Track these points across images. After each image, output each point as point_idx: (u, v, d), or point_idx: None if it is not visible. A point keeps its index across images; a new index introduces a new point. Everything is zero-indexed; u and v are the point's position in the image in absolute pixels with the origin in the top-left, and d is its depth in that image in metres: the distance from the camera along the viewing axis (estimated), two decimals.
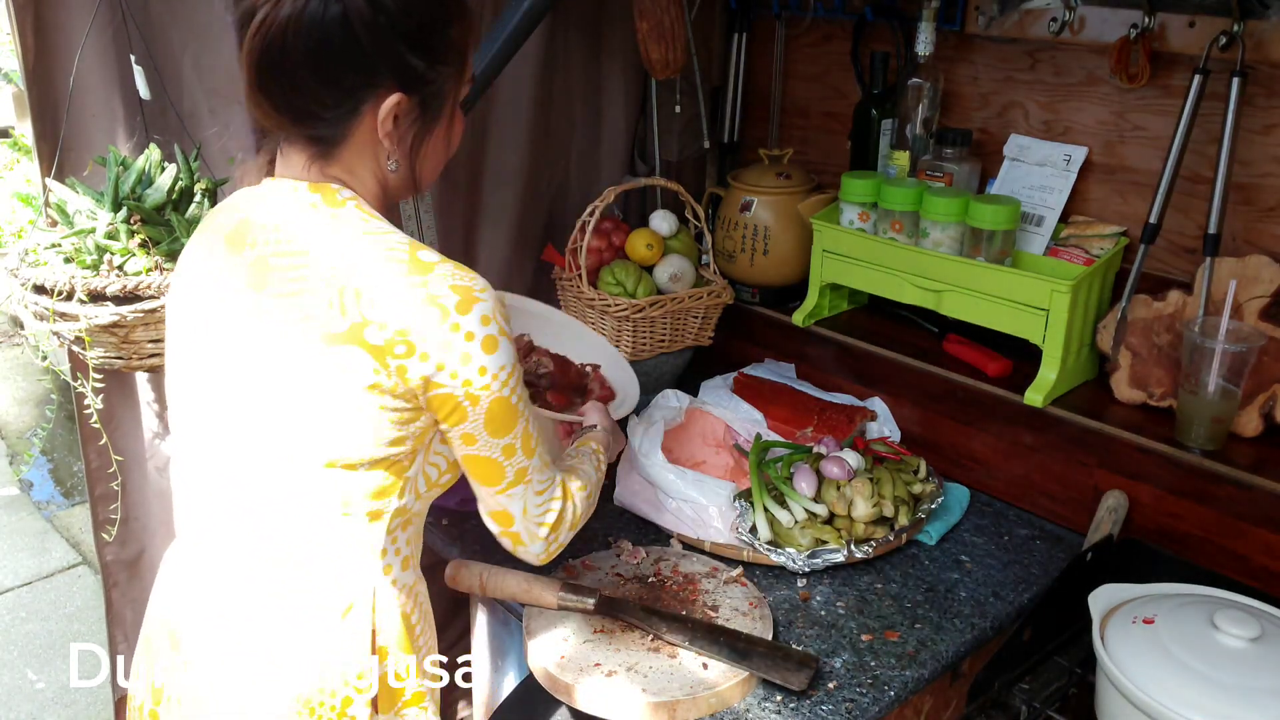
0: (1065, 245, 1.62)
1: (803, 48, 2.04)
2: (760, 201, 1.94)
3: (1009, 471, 1.67)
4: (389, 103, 1.01)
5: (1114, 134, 1.63)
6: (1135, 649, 1.16)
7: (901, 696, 1.27)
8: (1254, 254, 1.47)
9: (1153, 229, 1.49)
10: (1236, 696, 1.07)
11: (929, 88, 1.73)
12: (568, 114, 2.00)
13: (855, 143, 1.90)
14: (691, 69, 2.02)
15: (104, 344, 1.37)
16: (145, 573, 1.69)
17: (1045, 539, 1.58)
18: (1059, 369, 1.58)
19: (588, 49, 1.98)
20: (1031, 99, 1.72)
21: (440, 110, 1.07)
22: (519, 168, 1.92)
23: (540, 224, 2.03)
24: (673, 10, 1.81)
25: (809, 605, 1.42)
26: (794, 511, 1.50)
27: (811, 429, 1.72)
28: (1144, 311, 1.56)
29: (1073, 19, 1.57)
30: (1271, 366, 1.45)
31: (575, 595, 1.32)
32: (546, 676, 1.28)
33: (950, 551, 1.55)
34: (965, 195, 1.64)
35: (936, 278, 1.68)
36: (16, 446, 4.07)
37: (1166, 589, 1.29)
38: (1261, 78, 1.44)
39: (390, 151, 1.05)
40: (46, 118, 1.43)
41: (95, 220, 1.36)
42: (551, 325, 1.74)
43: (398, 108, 1.02)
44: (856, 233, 1.79)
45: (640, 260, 1.90)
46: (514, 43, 1.64)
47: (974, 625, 1.38)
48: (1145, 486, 1.50)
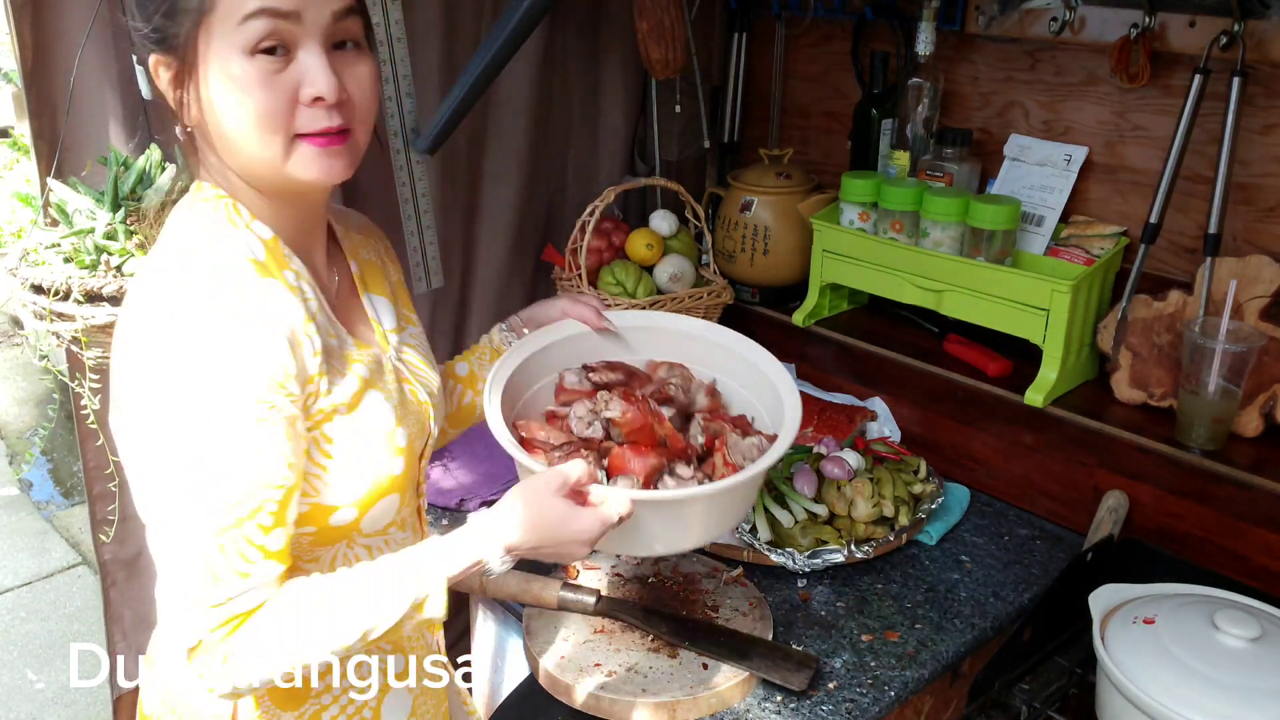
0: (1065, 245, 1.62)
1: (803, 47, 2.04)
2: (760, 201, 1.94)
3: (1009, 471, 1.67)
4: (151, 64, 0.91)
5: (1114, 134, 1.63)
6: (1136, 649, 1.15)
7: (902, 697, 1.27)
8: (1254, 254, 1.47)
9: (1153, 229, 1.49)
10: (1237, 696, 1.07)
11: (929, 87, 1.73)
12: (567, 114, 1.99)
13: (855, 143, 1.90)
14: (691, 69, 2.02)
15: (101, 344, 1.37)
16: (144, 572, 1.69)
17: (1045, 539, 1.58)
18: (1059, 369, 1.58)
19: (587, 49, 1.98)
20: (1032, 99, 1.72)
21: (191, 54, 0.88)
22: (518, 168, 1.92)
23: (540, 224, 2.02)
24: (673, 10, 1.81)
25: (809, 605, 1.42)
26: (794, 511, 1.50)
27: (812, 429, 1.72)
28: (1144, 311, 1.56)
29: (1073, 19, 1.56)
30: (1272, 366, 1.44)
31: (575, 595, 1.32)
32: (546, 676, 1.27)
33: (950, 552, 1.55)
34: (965, 195, 1.64)
35: (937, 278, 1.68)
36: (16, 446, 4.07)
37: (1167, 589, 1.29)
38: (1262, 77, 1.44)
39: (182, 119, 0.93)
40: (45, 117, 1.43)
41: (94, 220, 1.36)
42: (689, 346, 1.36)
43: (156, 69, 0.91)
44: (856, 233, 1.79)
45: (640, 260, 1.90)
46: (513, 43, 1.64)
47: (974, 625, 1.38)
48: (1145, 486, 1.50)
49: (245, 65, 0.86)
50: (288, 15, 0.86)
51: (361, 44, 0.93)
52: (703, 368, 1.34)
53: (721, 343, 1.33)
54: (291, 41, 0.87)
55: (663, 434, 1.15)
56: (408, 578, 0.90)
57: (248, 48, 0.86)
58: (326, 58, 0.88)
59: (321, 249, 1.04)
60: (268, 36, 0.85)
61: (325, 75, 0.88)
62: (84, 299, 1.32)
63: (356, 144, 0.94)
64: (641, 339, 1.34)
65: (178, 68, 0.89)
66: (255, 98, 0.87)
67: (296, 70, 0.88)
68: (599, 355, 1.32)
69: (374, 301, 1.09)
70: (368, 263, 1.12)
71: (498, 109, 1.87)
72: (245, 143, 0.90)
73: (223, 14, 0.85)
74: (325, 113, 0.89)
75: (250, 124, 0.88)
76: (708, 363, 1.35)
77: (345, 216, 1.17)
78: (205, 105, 0.89)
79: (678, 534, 1.07)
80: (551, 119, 1.96)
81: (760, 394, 1.30)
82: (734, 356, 1.32)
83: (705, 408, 1.29)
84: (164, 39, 0.88)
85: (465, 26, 1.77)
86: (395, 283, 1.16)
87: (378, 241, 1.18)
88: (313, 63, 0.88)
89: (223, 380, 0.85)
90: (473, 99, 1.68)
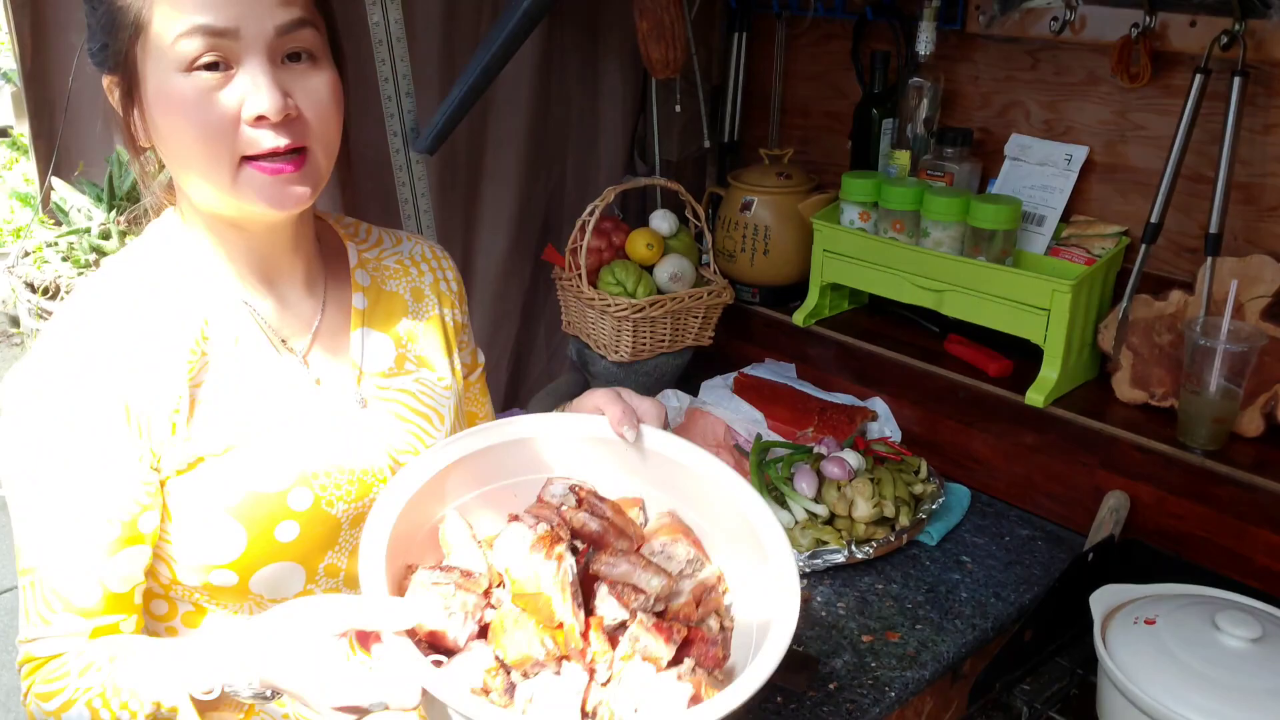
0: (1066, 245, 1.62)
1: (803, 47, 2.03)
2: (760, 201, 1.94)
3: (1010, 472, 1.66)
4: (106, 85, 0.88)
5: (1115, 133, 1.63)
6: (1137, 649, 1.15)
7: (902, 697, 1.26)
8: (1255, 254, 1.47)
9: (1154, 229, 1.49)
10: (1238, 697, 1.07)
11: (930, 87, 1.73)
12: (567, 113, 1.99)
13: (856, 142, 1.90)
14: (691, 68, 2.02)
15: None
16: None
17: (1046, 539, 1.58)
18: (1060, 369, 1.58)
19: (587, 48, 1.98)
20: (1032, 98, 1.71)
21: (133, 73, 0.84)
22: (518, 167, 1.92)
23: (539, 224, 2.02)
24: (673, 9, 1.80)
25: (810, 606, 1.41)
26: (794, 512, 1.50)
27: (812, 429, 1.72)
28: (1145, 311, 1.56)
29: (1074, 18, 1.56)
30: (1273, 366, 1.44)
31: None
32: None
33: (951, 552, 1.54)
34: (966, 195, 1.64)
35: (937, 277, 1.67)
36: None
37: (1168, 589, 1.28)
38: (1262, 77, 1.43)
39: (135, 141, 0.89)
40: (43, 117, 1.43)
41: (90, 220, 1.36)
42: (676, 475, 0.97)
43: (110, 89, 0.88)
44: (857, 232, 1.78)
45: (640, 260, 1.89)
46: (513, 43, 1.64)
47: (975, 626, 1.38)
48: (1146, 487, 1.50)
49: (182, 83, 0.81)
50: (224, 33, 0.80)
51: (318, 55, 0.86)
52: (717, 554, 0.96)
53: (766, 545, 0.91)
54: (232, 57, 0.81)
55: (561, 616, 0.82)
56: (153, 679, 0.79)
57: (183, 65, 0.80)
58: (273, 73, 0.82)
59: (295, 277, 0.96)
60: (205, 53, 0.80)
61: (268, 92, 0.81)
62: None
63: (316, 165, 0.86)
64: (672, 478, 0.98)
65: (124, 87, 0.85)
66: (193, 118, 0.81)
67: (238, 87, 0.81)
68: (616, 471, 0.98)
69: (367, 337, 0.99)
70: (390, 295, 1.03)
71: (497, 109, 1.87)
72: (190, 166, 0.85)
73: (157, 31, 0.81)
74: (271, 133, 0.82)
75: (190, 145, 0.83)
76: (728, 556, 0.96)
77: (395, 240, 1.08)
78: (151, 127, 0.85)
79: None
80: (551, 119, 1.96)
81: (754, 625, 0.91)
82: (751, 537, 0.92)
83: (678, 609, 0.90)
84: (108, 57, 0.85)
85: (465, 26, 1.76)
86: (430, 319, 1.05)
87: (431, 272, 1.07)
88: (254, 79, 0.81)
89: (51, 422, 0.82)
90: (472, 99, 1.68)
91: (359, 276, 1.02)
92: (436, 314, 1.07)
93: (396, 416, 0.99)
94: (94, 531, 0.83)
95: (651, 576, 0.87)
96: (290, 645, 0.74)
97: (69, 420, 0.82)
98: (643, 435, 0.96)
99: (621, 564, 0.88)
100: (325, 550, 0.93)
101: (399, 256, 1.07)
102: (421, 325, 1.05)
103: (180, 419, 0.86)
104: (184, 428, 0.86)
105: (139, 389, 0.84)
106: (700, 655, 0.86)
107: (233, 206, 0.87)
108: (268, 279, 0.95)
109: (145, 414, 0.84)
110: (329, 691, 0.71)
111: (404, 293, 1.05)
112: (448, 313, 1.08)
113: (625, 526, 0.94)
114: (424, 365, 1.04)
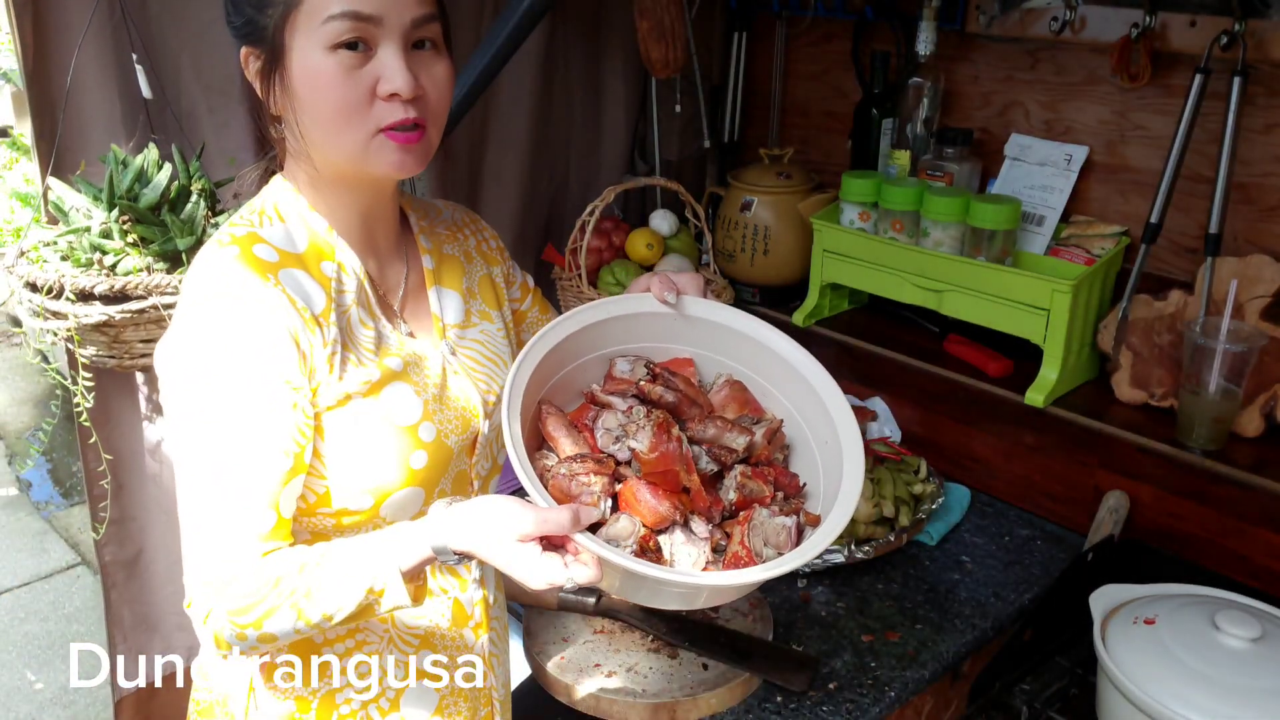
0: (1066, 245, 1.62)
1: (803, 47, 2.04)
2: (760, 201, 1.94)
3: (1010, 472, 1.67)
4: (242, 55, 0.97)
5: (1115, 133, 1.63)
6: (1136, 649, 1.15)
7: (902, 697, 1.27)
8: (1255, 254, 1.47)
9: (1154, 229, 1.49)
10: (1238, 697, 1.07)
11: (930, 87, 1.73)
12: (567, 113, 1.99)
13: (856, 142, 1.90)
14: (691, 68, 2.02)
15: (95, 343, 1.37)
16: (144, 572, 1.69)
17: (1046, 539, 1.58)
18: (1060, 369, 1.58)
19: (587, 48, 1.98)
20: (1032, 98, 1.71)
21: (279, 47, 0.93)
22: (519, 167, 1.92)
23: (540, 224, 2.02)
24: (673, 9, 1.80)
25: (809, 606, 1.41)
26: None
27: None
28: (1145, 311, 1.56)
29: (1074, 18, 1.56)
30: (1273, 366, 1.44)
31: (575, 596, 1.32)
32: (546, 677, 1.27)
33: (951, 552, 1.54)
34: (966, 195, 1.64)
35: (937, 277, 1.67)
36: (16, 447, 4.07)
37: (1167, 589, 1.29)
38: (1262, 77, 1.43)
39: (270, 114, 0.98)
40: (45, 116, 1.43)
41: (91, 219, 1.36)
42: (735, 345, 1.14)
43: (246, 60, 0.96)
44: (857, 232, 1.78)
45: (640, 260, 1.89)
46: (513, 42, 1.64)
47: (975, 626, 1.38)
48: (1146, 487, 1.50)
49: (326, 59, 0.91)
50: (369, 19, 0.91)
51: (440, 46, 0.97)
52: (773, 402, 1.12)
53: (814, 384, 1.09)
54: (372, 40, 0.92)
55: (687, 483, 1.01)
56: (361, 568, 0.91)
57: (329, 44, 0.91)
58: (405, 57, 0.93)
59: (389, 240, 1.09)
60: (350, 35, 0.90)
61: (402, 73, 0.92)
62: (76, 298, 1.31)
63: (429, 141, 0.97)
64: (718, 340, 1.14)
65: (265, 59, 0.94)
66: (335, 91, 0.92)
67: (375, 66, 0.92)
68: (665, 340, 1.13)
69: (442, 295, 1.12)
70: (449, 258, 1.15)
71: (498, 109, 1.87)
72: (326, 133, 0.95)
73: (308, 10, 0.91)
74: (401, 106, 0.93)
75: (330, 116, 0.93)
76: (783, 396, 1.12)
77: (436, 210, 1.19)
78: (290, 96, 0.94)
79: (652, 598, 1.01)
80: (552, 119, 1.96)
81: (828, 461, 1.07)
82: (818, 405, 1.08)
83: (758, 454, 1.07)
84: (253, 31, 0.94)
85: (465, 26, 1.76)
86: (481, 279, 1.18)
87: (472, 235, 1.20)
88: (391, 61, 0.92)
89: (222, 369, 0.91)
90: (473, 99, 1.68)
91: (423, 240, 1.14)
92: (485, 273, 1.19)
93: (475, 362, 1.13)
94: (273, 463, 0.92)
95: (738, 435, 1.05)
96: (492, 542, 0.89)
97: (249, 363, 0.91)
98: (684, 303, 1.11)
99: (710, 428, 1.05)
100: (441, 476, 1.05)
101: (446, 223, 1.19)
102: (476, 283, 1.17)
103: (336, 360, 0.97)
104: (339, 368, 0.97)
105: (306, 331, 0.94)
106: (783, 483, 1.06)
107: (355, 170, 0.98)
108: (371, 240, 1.06)
109: (312, 354, 0.95)
110: (532, 579, 0.89)
111: (459, 255, 1.17)
112: (495, 270, 1.21)
113: (695, 395, 1.08)
114: (485, 318, 1.17)
